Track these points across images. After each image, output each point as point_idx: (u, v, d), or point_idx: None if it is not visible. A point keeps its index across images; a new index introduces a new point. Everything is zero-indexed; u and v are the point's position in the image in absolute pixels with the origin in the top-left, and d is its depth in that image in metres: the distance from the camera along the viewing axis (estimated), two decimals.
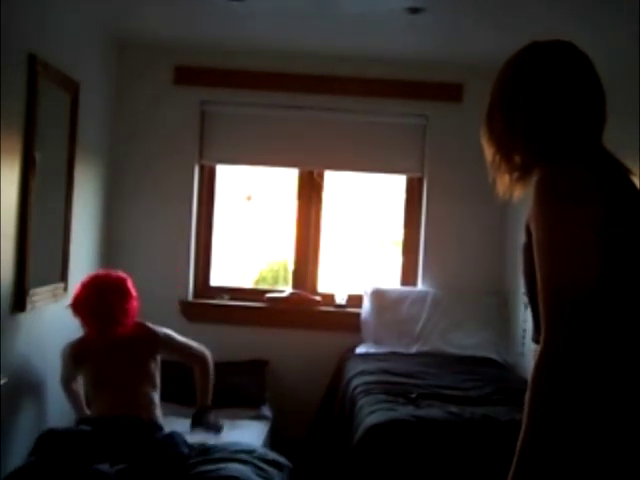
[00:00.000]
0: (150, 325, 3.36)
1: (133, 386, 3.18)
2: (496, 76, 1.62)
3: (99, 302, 3.14)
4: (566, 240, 1.40)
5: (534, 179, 1.48)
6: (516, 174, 1.57)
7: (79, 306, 3.17)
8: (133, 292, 3.26)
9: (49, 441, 2.90)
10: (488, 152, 1.63)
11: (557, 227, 1.40)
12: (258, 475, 2.86)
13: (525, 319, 4.04)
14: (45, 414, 3.42)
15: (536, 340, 1.52)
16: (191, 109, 4.40)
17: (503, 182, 1.61)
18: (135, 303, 3.25)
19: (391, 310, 4.37)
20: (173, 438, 2.98)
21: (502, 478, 2.92)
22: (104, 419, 3.04)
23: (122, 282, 3.24)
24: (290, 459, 3.21)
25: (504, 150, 1.59)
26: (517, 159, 1.57)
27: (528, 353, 4.11)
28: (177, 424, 3.43)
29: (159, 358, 3.34)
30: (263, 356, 4.36)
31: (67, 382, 3.33)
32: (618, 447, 1.42)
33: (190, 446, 3.02)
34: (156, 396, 3.23)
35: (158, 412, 3.19)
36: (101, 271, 3.41)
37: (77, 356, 3.26)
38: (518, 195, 1.60)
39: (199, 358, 3.46)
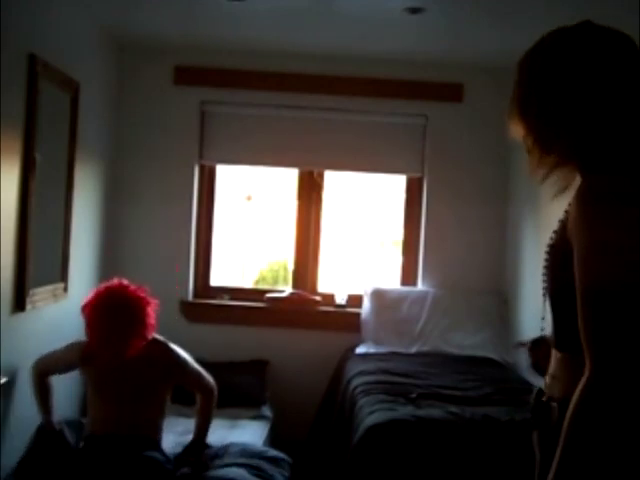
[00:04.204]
0: (166, 344, 3.00)
1: (137, 408, 2.90)
2: (538, 52, 1.46)
3: (111, 326, 2.80)
4: (613, 242, 1.28)
5: (578, 187, 1.38)
6: (548, 165, 1.44)
7: (90, 325, 2.84)
8: (150, 312, 2.89)
9: (35, 461, 2.78)
10: (517, 132, 1.49)
11: (603, 230, 1.29)
12: (256, 475, 2.85)
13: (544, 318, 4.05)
14: None
15: (557, 346, 1.47)
16: (191, 109, 4.40)
17: (531, 165, 1.47)
18: (152, 324, 2.89)
19: (391, 310, 4.37)
20: (156, 457, 2.82)
21: (502, 478, 2.93)
22: (96, 437, 2.87)
23: (138, 302, 2.85)
24: (291, 459, 3.21)
25: (540, 139, 1.45)
26: (553, 154, 1.43)
27: None
28: (178, 425, 3.44)
29: (171, 383, 3.02)
30: (263, 356, 4.36)
31: (45, 372, 3.00)
32: None
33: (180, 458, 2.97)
34: (161, 422, 2.98)
35: (159, 436, 2.97)
36: (116, 285, 2.91)
37: (86, 357, 2.92)
38: (544, 181, 1.47)
39: (208, 389, 3.06)
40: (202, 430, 3.06)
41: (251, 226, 4.79)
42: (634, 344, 1.25)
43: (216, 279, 4.64)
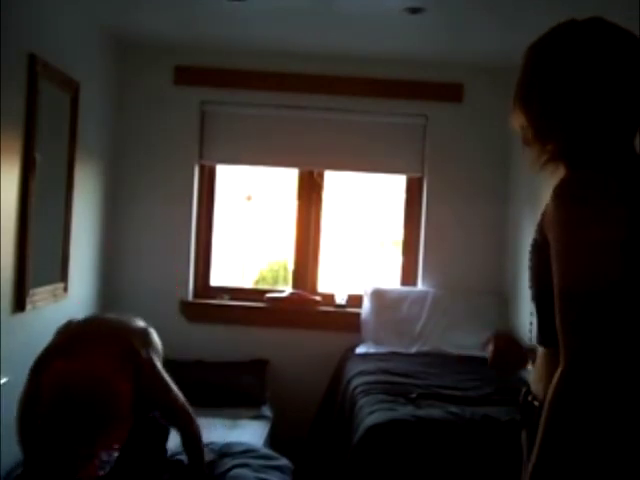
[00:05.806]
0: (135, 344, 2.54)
1: None
2: (546, 43, 1.48)
3: (66, 430, 2.26)
4: (588, 241, 1.29)
5: (558, 181, 1.39)
6: (545, 156, 1.45)
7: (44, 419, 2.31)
8: (125, 405, 2.24)
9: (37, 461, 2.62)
10: (517, 121, 1.50)
11: (579, 229, 1.30)
12: (259, 479, 2.85)
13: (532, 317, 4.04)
14: None
15: (540, 342, 1.48)
16: (191, 109, 4.40)
17: (532, 156, 1.49)
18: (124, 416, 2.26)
19: (391, 310, 4.37)
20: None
21: (501, 478, 2.92)
22: None
23: (108, 398, 2.22)
24: (291, 459, 3.21)
25: (539, 133, 1.46)
26: (550, 146, 1.44)
27: None
28: None
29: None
30: (263, 356, 4.37)
31: (24, 416, 2.54)
32: None
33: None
34: None
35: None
36: (82, 369, 2.29)
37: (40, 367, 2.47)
38: (542, 173, 1.48)
39: (184, 414, 2.53)
40: (197, 472, 2.58)
41: (251, 226, 4.79)
42: (607, 339, 1.27)
43: (216, 279, 4.64)
